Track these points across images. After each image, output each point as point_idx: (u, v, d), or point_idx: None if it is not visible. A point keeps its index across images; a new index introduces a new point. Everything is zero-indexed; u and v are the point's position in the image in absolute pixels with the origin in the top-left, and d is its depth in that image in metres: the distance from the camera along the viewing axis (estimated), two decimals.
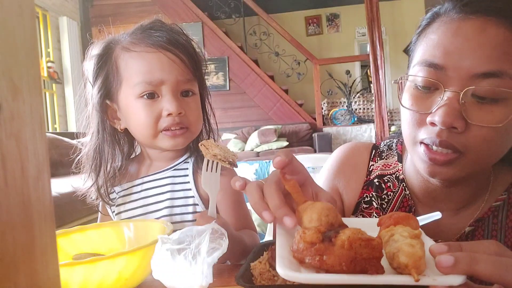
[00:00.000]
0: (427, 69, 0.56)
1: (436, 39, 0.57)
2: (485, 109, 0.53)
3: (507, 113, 0.52)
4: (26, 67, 0.28)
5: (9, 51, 0.27)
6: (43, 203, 0.29)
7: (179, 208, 0.83)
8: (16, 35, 0.27)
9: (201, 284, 0.48)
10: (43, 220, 0.29)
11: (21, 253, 0.27)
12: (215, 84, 5.83)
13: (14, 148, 0.27)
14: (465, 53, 0.53)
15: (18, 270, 0.27)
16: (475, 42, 0.53)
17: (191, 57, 0.82)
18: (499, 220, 0.65)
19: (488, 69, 0.52)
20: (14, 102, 0.27)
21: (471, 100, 0.54)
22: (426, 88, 0.57)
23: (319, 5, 6.90)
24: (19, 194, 0.27)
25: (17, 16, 0.27)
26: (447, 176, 0.57)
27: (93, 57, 0.83)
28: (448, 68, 0.54)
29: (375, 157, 0.77)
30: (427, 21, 0.62)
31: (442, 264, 0.37)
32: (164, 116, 0.79)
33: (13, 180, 0.26)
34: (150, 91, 0.79)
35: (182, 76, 0.80)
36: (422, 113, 0.57)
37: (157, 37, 0.80)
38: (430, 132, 0.56)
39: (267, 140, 5.08)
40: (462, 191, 0.65)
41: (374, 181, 0.73)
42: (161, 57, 0.79)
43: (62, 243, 0.66)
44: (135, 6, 6.00)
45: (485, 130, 0.53)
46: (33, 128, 0.28)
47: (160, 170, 0.87)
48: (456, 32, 0.55)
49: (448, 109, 0.53)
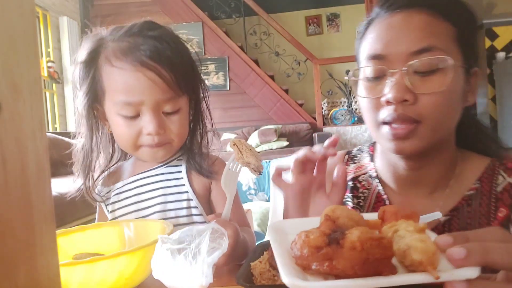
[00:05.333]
0: (372, 61, 0.67)
1: (374, 36, 0.68)
2: (427, 80, 0.63)
3: (446, 79, 0.62)
4: (26, 67, 0.28)
5: (9, 51, 0.27)
6: (43, 202, 0.29)
7: (173, 203, 0.84)
8: (16, 35, 0.27)
9: (201, 284, 0.48)
10: (43, 220, 0.29)
11: (21, 252, 0.27)
12: (215, 84, 5.83)
13: (14, 148, 0.27)
14: (399, 39, 0.64)
15: (18, 269, 0.27)
16: (405, 29, 0.64)
17: (175, 71, 0.78)
18: (472, 209, 0.68)
19: (420, 46, 0.62)
20: (14, 102, 0.27)
21: (413, 75, 0.63)
22: (376, 79, 0.67)
23: (319, 5, 6.89)
24: (19, 194, 0.27)
25: (17, 16, 0.27)
26: (412, 148, 0.64)
27: (79, 64, 0.83)
28: (388, 55, 0.65)
29: (348, 161, 0.84)
30: (364, 27, 0.72)
31: (455, 256, 0.37)
32: (144, 134, 0.79)
33: (13, 180, 0.26)
34: (130, 113, 0.77)
35: (163, 95, 0.77)
36: (377, 97, 0.66)
37: (140, 51, 0.76)
38: (388, 111, 0.64)
39: (267, 140, 5.08)
40: (430, 173, 0.71)
41: (349, 183, 0.80)
42: (140, 78, 0.76)
43: (62, 243, 0.66)
44: (135, 6, 5.99)
45: (432, 97, 0.62)
46: (33, 128, 0.28)
47: (153, 167, 0.88)
48: (389, 26, 0.66)
49: (397, 86, 0.62)
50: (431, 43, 0.62)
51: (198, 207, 0.84)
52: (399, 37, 0.64)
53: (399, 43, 0.64)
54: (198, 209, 0.84)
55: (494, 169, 0.70)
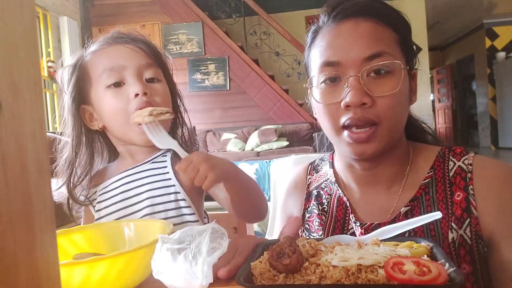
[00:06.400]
0: (327, 68, 0.69)
1: (324, 44, 0.71)
2: (381, 83, 0.67)
3: (397, 81, 0.67)
4: (27, 66, 0.28)
5: (9, 50, 0.27)
6: (44, 202, 0.29)
7: (161, 197, 0.84)
8: (17, 34, 0.27)
9: (201, 284, 0.48)
10: (44, 220, 0.29)
11: (21, 252, 0.27)
12: (215, 84, 5.83)
13: (14, 148, 0.27)
14: (350, 46, 0.68)
15: (18, 269, 0.27)
16: (354, 36, 0.68)
17: (151, 49, 0.89)
18: (431, 196, 0.71)
19: (371, 52, 0.66)
20: (14, 101, 0.27)
21: (368, 79, 0.67)
22: (332, 85, 0.70)
23: (319, 4, 6.85)
24: (19, 194, 0.27)
25: (18, 16, 0.27)
26: (372, 151, 0.68)
27: (66, 67, 0.89)
28: (342, 61, 0.68)
29: (311, 171, 0.88)
30: (311, 37, 0.76)
31: None
32: (132, 99, 0.83)
33: (13, 180, 0.26)
34: (115, 79, 0.84)
35: (143, 61, 0.86)
36: (335, 102, 0.68)
37: (121, 39, 0.88)
38: (347, 115, 0.67)
39: (267, 140, 5.08)
40: (387, 170, 0.74)
41: (313, 192, 0.84)
42: (121, 48, 0.86)
43: (63, 243, 0.66)
44: (135, 6, 5.99)
45: (387, 99, 0.66)
46: (33, 128, 0.28)
47: (138, 164, 0.89)
48: (338, 35, 0.70)
49: (354, 90, 0.65)
50: (380, 48, 0.67)
51: (186, 199, 0.85)
52: (350, 44, 0.68)
53: (351, 50, 0.67)
54: (186, 201, 0.85)
55: (444, 156, 0.74)
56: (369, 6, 0.70)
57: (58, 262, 0.31)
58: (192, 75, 5.86)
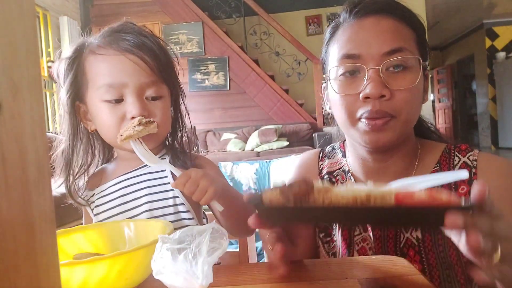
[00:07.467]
0: (347, 60, 0.72)
1: (345, 38, 0.73)
2: (399, 77, 0.69)
3: (415, 76, 0.69)
4: (27, 66, 0.28)
5: (9, 50, 0.27)
6: (44, 202, 0.29)
7: (159, 202, 0.83)
8: (17, 34, 0.27)
9: (201, 284, 0.48)
10: (44, 220, 0.29)
11: (21, 252, 0.27)
12: (215, 84, 5.83)
13: (14, 148, 0.27)
14: (371, 40, 0.70)
15: (18, 269, 0.27)
16: (376, 31, 0.70)
17: (157, 59, 0.81)
18: None
19: (391, 47, 0.69)
20: (14, 102, 0.27)
21: (387, 73, 0.69)
22: (351, 77, 0.71)
23: (319, 4, 6.88)
24: (19, 194, 0.27)
25: (18, 16, 0.27)
26: (385, 140, 0.70)
27: (63, 60, 0.84)
28: (362, 54, 0.70)
29: (323, 157, 0.90)
30: (330, 32, 0.78)
31: None
32: (128, 119, 0.79)
33: (13, 180, 0.26)
34: (114, 96, 0.78)
35: (146, 78, 0.79)
36: (354, 93, 0.70)
37: (123, 41, 0.80)
38: (365, 107, 0.69)
39: (267, 140, 5.08)
40: (396, 164, 0.77)
41: (325, 177, 0.86)
42: (123, 60, 0.78)
43: (63, 243, 0.66)
44: (135, 6, 5.99)
45: (405, 93, 0.68)
46: (33, 128, 0.28)
47: (136, 168, 0.87)
48: (359, 29, 0.72)
49: (374, 83, 0.68)
50: (400, 44, 0.69)
51: (185, 204, 0.83)
52: (371, 38, 0.70)
53: (372, 44, 0.70)
54: (185, 205, 0.84)
55: (450, 152, 0.76)
56: (390, 5, 0.73)
57: (58, 262, 0.31)
58: (192, 75, 5.86)
